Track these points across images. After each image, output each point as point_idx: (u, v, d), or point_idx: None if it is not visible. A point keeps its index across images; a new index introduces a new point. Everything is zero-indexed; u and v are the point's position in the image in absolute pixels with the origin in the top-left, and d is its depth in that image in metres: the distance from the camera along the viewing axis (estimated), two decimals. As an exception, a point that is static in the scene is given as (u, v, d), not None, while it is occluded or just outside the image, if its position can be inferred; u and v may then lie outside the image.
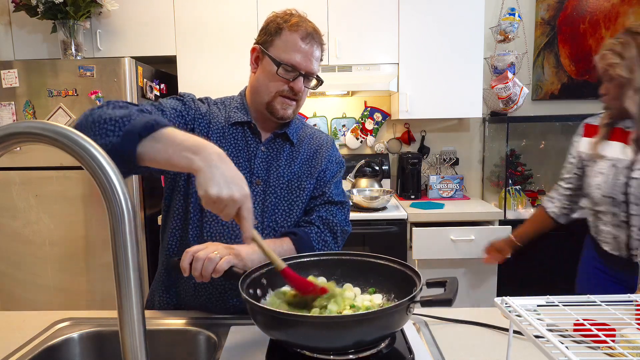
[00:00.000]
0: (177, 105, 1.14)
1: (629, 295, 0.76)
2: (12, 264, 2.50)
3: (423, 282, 0.82)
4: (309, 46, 1.14)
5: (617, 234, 1.49)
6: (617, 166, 1.46)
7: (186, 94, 1.20)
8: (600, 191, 1.49)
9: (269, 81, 1.15)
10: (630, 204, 1.43)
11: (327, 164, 1.26)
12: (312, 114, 3.25)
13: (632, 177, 1.42)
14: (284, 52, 1.13)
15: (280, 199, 1.19)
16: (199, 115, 1.17)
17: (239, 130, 1.19)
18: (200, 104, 1.20)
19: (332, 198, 1.24)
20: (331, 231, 1.22)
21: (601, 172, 1.49)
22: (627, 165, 1.44)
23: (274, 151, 1.21)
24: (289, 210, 1.21)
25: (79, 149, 0.52)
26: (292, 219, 1.21)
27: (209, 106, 1.21)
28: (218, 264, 0.92)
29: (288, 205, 1.20)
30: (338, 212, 1.25)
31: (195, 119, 1.16)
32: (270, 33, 1.15)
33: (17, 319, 1.11)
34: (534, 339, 0.62)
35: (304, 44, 1.13)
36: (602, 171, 1.49)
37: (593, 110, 3.10)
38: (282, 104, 1.16)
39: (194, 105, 1.18)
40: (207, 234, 1.14)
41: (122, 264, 0.54)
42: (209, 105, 1.22)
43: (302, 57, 1.13)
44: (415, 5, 2.75)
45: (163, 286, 1.21)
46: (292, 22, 1.13)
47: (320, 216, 1.21)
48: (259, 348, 0.90)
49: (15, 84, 2.41)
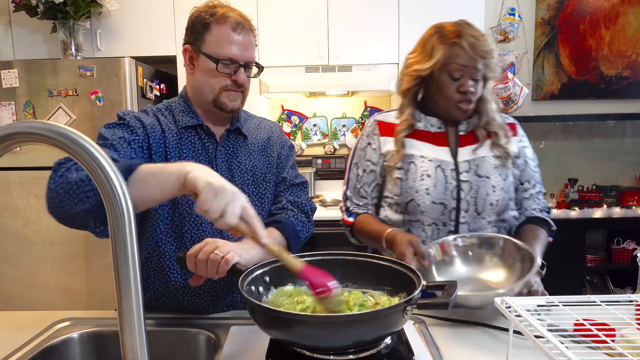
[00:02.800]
0: (123, 133, 1.07)
1: (629, 295, 0.76)
2: (12, 264, 2.49)
3: (422, 284, 0.82)
4: (241, 36, 1.12)
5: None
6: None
7: (126, 112, 1.14)
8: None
9: (210, 78, 1.13)
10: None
11: (280, 149, 1.28)
12: (312, 114, 3.25)
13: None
14: (219, 47, 1.10)
15: (250, 194, 1.19)
16: (150, 130, 1.11)
17: (192, 134, 1.16)
18: (144, 117, 1.14)
19: (293, 181, 1.28)
20: (303, 212, 1.26)
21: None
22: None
23: (231, 149, 1.20)
24: (260, 204, 1.21)
25: (79, 149, 0.52)
26: (265, 211, 1.22)
27: (154, 116, 1.15)
28: (220, 265, 0.92)
29: (258, 198, 1.21)
30: (302, 193, 1.29)
31: (148, 136, 1.10)
32: (198, 30, 1.12)
33: (17, 319, 1.11)
34: (534, 339, 0.62)
35: (236, 35, 1.11)
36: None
37: (593, 110, 3.12)
38: (228, 97, 1.14)
39: (140, 123, 1.11)
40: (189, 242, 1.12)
41: (122, 264, 0.54)
42: (154, 114, 1.16)
43: (238, 48, 1.11)
44: (415, 5, 2.75)
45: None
46: (218, 15, 1.11)
47: (289, 200, 1.24)
48: (259, 348, 0.90)
49: (15, 84, 2.41)
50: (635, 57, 3.07)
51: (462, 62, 1.19)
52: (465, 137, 1.30)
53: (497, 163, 1.28)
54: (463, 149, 1.29)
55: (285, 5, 2.76)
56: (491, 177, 1.25)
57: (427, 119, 1.31)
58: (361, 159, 1.36)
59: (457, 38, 1.19)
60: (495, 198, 1.24)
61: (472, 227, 1.25)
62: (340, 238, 2.71)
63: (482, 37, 1.20)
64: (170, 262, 1.12)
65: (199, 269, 0.93)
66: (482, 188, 1.24)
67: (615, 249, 2.89)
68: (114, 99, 2.39)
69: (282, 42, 2.78)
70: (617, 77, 3.09)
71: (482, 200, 1.24)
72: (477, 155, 1.28)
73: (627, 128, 3.20)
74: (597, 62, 3.09)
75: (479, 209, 1.25)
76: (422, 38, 1.30)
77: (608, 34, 3.06)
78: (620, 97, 3.10)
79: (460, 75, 1.21)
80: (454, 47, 1.19)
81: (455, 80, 1.21)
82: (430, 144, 1.29)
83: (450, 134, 1.31)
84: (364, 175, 1.35)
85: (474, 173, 1.26)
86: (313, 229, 1.30)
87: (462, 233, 1.23)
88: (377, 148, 1.33)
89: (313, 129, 3.26)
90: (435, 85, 1.25)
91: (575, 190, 3.00)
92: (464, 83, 1.21)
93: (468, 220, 1.25)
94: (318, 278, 0.83)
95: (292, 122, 3.24)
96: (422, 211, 1.24)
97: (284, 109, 3.24)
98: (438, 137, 1.30)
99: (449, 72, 1.21)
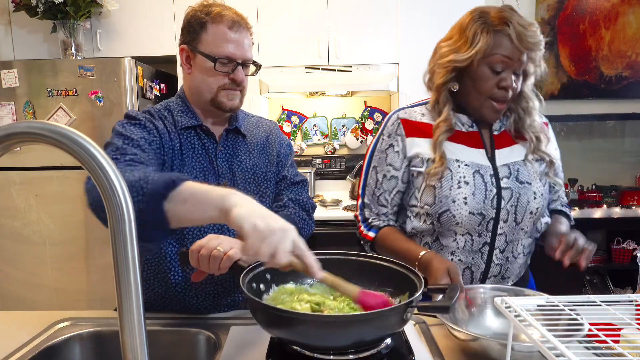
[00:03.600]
0: (142, 133, 1.07)
1: (629, 295, 0.76)
2: (11, 263, 2.49)
3: (423, 287, 0.81)
4: (238, 34, 1.12)
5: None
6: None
7: (137, 113, 1.13)
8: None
9: (208, 77, 1.12)
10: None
11: (279, 148, 1.28)
12: (312, 114, 3.25)
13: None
14: (215, 46, 1.10)
15: (251, 193, 1.17)
16: (162, 132, 1.11)
17: (192, 134, 1.16)
18: (154, 119, 1.13)
19: (294, 179, 1.28)
20: (304, 209, 1.26)
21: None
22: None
23: (231, 148, 1.20)
24: (261, 202, 1.17)
25: (79, 149, 0.51)
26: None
27: (159, 118, 1.15)
28: (222, 261, 0.91)
29: (259, 197, 1.21)
30: (302, 190, 1.29)
31: (161, 138, 1.10)
32: (194, 30, 1.12)
33: (17, 319, 1.11)
34: (534, 339, 0.62)
35: (233, 33, 1.11)
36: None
37: (593, 110, 3.11)
38: (227, 96, 1.14)
39: (152, 124, 1.11)
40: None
41: (122, 264, 0.54)
42: (159, 116, 1.16)
43: (235, 46, 1.11)
44: (415, 5, 2.75)
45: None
46: (214, 14, 1.11)
47: (290, 198, 1.25)
48: (259, 348, 0.90)
49: (15, 84, 2.41)
50: (635, 57, 3.07)
51: (507, 54, 1.05)
52: (500, 138, 1.17)
53: (537, 167, 1.16)
54: (500, 152, 1.15)
55: (285, 5, 2.76)
56: (532, 182, 1.14)
57: (456, 116, 1.16)
58: (381, 163, 1.21)
59: (504, 26, 1.04)
60: (535, 206, 1.13)
61: (510, 238, 1.14)
62: (340, 238, 2.70)
63: (530, 27, 1.05)
64: (170, 262, 1.12)
65: (201, 264, 0.93)
66: (523, 195, 1.12)
67: (615, 249, 2.89)
68: (114, 99, 2.39)
69: (282, 42, 2.78)
70: (617, 77, 3.09)
71: (522, 208, 1.12)
72: (517, 158, 1.16)
73: (627, 128, 3.20)
74: (597, 62, 3.09)
75: (518, 218, 1.13)
76: (458, 24, 1.14)
77: (608, 34, 3.06)
78: (620, 97, 3.10)
79: (502, 69, 1.07)
80: (499, 36, 1.05)
81: (496, 73, 1.07)
82: (463, 145, 1.15)
83: (484, 133, 1.17)
84: (384, 182, 1.20)
85: (514, 179, 1.13)
86: (314, 227, 1.30)
87: (497, 246, 1.12)
88: (401, 151, 1.18)
89: (313, 129, 3.26)
90: (470, 79, 1.10)
91: (575, 190, 3.00)
92: (506, 77, 1.07)
93: (506, 232, 1.13)
94: (376, 303, 0.80)
95: (292, 122, 3.24)
96: (457, 222, 1.10)
97: (284, 109, 3.24)
98: (471, 138, 1.16)
99: (490, 64, 1.07)
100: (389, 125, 1.22)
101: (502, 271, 1.17)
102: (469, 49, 1.07)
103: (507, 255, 1.16)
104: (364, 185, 1.25)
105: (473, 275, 1.16)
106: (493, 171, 1.13)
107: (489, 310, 0.99)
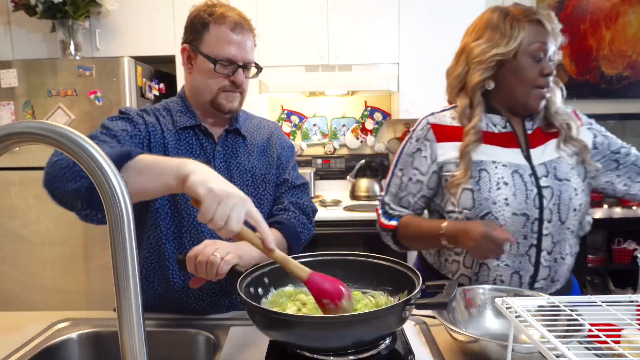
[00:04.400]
0: (126, 126, 1.07)
1: (630, 295, 0.76)
2: (11, 264, 2.49)
3: (421, 284, 0.81)
4: (240, 36, 1.11)
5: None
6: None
7: (130, 109, 1.14)
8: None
9: (208, 79, 1.12)
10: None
11: (281, 150, 1.27)
12: (312, 114, 3.25)
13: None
14: (217, 47, 1.10)
15: (249, 195, 1.17)
16: (151, 128, 1.11)
17: (190, 134, 1.16)
18: (146, 115, 1.14)
19: (295, 182, 1.26)
20: (304, 213, 1.25)
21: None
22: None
23: (230, 149, 1.19)
24: (260, 205, 1.20)
25: (79, 149, 0.51)
26: (264, 212, 1.21)
27: (154, 115, 1.15)
28: (219, 267, 0.91)
29: (257, 199, 1.20)
30: (303, 194, 1.27)
31: (149, 133, 1.10)
32: (196, 30, 1.12)
33: (16, 320, 1.11)
34: (534, 339, 0.62)
35: (235, 35, 1.10)
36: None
37: (593, 110, 3.11)
38: (226, 98, 1.14)
39: (142, 119, 1.11)
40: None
41: (121, 264, 0.53)
42: (154, 114, 1.16)
43: (236, 48, 1.10)
44: (415, 5, 2.74)
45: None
46: (217, 14, 1.10)
47: (291, 201, 1.23)
48: (258, 349, 0.89)
49: (14, 84, 2.40)
50: (636, 57, 3.07)
51: (545, 41, 1.09)
52: (534, 136, 1.17)
53: (573, 162, 1.15)
54: (535, 150, 1.15)
55: (285, 5, 2.76)
56: (571, 179, 1.12)
57: (488, 117, 1.16)
58: (407, 166, 1.21)
59: (534, 15, 1.10)
60: (578, 202, 1.12)
61: (556, 239, 1.12)
62: (340, 238, 2.70)
63: (552, 15, 1.12)
64: (170, 261, 1.12)
65: (199, 271, 0.93)
66: (564, 193, 1.11)
67: (616, 249, 2.88)
68: (113, 99, 2.39)
69: (282, 42, 2.78)
70: (618, 77, 3.09)
71: (566, 206, 1.11)
72: (552, 156, 1.15)
73: (628, 128, 3.19)
74: (598, 62, 3.09)
75: (562, 217, 1.11)
76: (484, 22, 1.15)
77: (609, 33, 3.06)
78: (620, 97, 3.10)
79: (542, 56, 1.10)
80: (535, 25, 1.09)
81: (537, 62, 1.10)
82: (499, 146, 1.14)
83: (519, 133, 1.17)
84: (408, 184, 1.20)
85: (553, 176, 1.12)
86: (314, 231, 1.29)
87: (544, 247, 1.11)
88: (429, 156, 1.17)
89: (313, 128, 3.25)
90: (512, 73, 1.11)
91: (575, 190, 3.00)
92: (547, 65, 1.10)
93: (552, 232, 1.11)
94: (324, 288, 0.81)
95: (292, 122, 3.24)
96: (500, 225, 1.08)
97: (284, 109, 3.24)
98: (506, 138, 1.15)
99: (531, 53, 1.09)
100: (418, 129, 1.22)
101: (552, 273, 1.14)
102: (510, 41, 1.09)
103: (555, 257, 1.13)
104: (388, 185, 1.26)
105: (521, 280, 1.13)
106: (531, 170, 1.13)
107: (489, 311, 0.99)
